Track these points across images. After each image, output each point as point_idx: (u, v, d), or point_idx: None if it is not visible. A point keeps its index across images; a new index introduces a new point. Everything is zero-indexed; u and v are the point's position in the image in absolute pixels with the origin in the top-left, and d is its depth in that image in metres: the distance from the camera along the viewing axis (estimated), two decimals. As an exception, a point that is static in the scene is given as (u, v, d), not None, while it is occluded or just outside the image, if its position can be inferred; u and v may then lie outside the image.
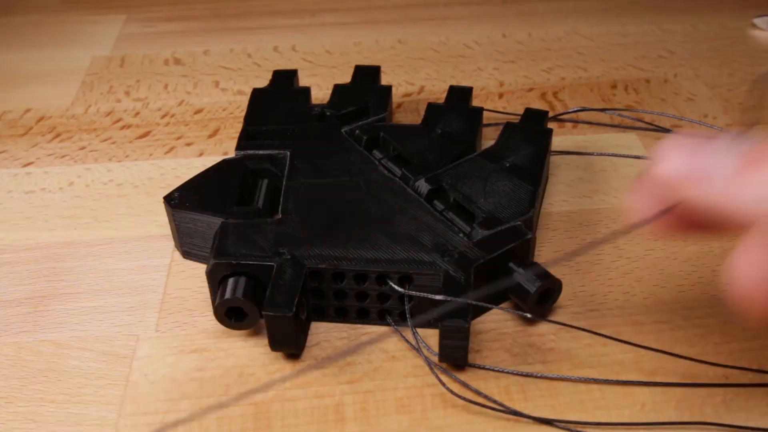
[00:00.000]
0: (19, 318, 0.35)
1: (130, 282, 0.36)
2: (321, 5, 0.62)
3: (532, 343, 0.32)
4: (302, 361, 0.32)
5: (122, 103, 0.50)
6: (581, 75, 0.52)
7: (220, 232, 0.34)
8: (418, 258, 0.32)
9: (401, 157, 0.38)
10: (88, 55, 0.55)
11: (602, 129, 0.46)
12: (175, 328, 0.34)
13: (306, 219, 0.35)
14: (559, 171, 0.42)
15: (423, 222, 0.34)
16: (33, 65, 0.55)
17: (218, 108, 0.49)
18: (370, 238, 0.33)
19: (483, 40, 0.56)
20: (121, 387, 0.31)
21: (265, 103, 0.43)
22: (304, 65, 0.54)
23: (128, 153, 0.45)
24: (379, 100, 0.42)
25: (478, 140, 0.41)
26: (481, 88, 0.50)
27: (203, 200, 0.36)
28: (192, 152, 0.45)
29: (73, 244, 0.38)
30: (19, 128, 0.48)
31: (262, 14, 0.61)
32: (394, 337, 0.33)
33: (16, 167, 0.44)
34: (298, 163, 0.38)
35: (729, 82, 0.51)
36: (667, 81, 0.51)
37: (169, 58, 0.55)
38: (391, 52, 0.55)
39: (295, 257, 0.32)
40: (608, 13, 0.60)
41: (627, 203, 0.23)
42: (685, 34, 0.56)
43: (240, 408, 0.30)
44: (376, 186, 0.37)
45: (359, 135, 0.39)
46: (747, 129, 0.22)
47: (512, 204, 0.35)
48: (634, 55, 0.54)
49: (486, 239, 0.33)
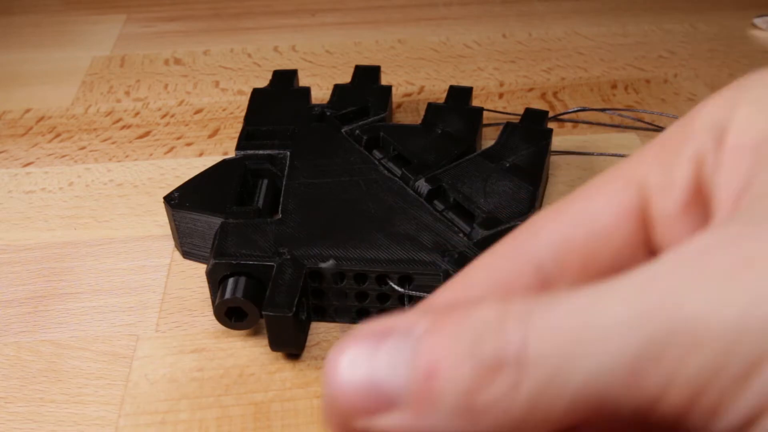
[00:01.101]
0: (19, 318, 0.35)
1: (129, 282, 0.36)
2: (321, 5, 0.62)
3: (532, 343, 0.32)
4: (302, 361, 0.32)
5: (122, 103, 0.50)
6: (581, 75, 0.52)
7: (220, 232, 0.34)
8: (418, 258, 0.32)
9: (401, 157, 0.38)
10: (88, 55, 0.55)
11: (602, 129, 0.46)
12: (175, 328, 0.34)
13: (306, 219, 0.35)
14: (559, 171, 0.42)
15: (423, 222, 0.34)
16: (33, 65, 0.55)
17: (218, 108, 0.49)
18: (370, 238, 0.33)
19: (483, 40, 0.56)
20: (121, 387, 0.31)
21: (265, 103, 0.43)
22: (304, 65, 0.54)
23: (128, 153, 0.45)
24: (379, 100, 0.42)
25: (478, 140, 0.41)
26: (481, 88, 0.50)
27: (203, 200, 0.36)
28: (192, 152, 0.45)
29: (73, 244, 0.38)
30: (19, 128, 0.48)
31: (262, 14, 0.61)
32: (394, 337, 0.33)
33: (16, 167, 0.44)
34: (298, 163, 0.38)
35: (729, 82, 0.50)
36: (667, 81, 0.51)
37: (169, 58, 0.55)
38: (391, 52, 0.55)
39: (295, 257, 0.32)
40: (608, 13, 0.60)
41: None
42: (685, 34, 0.56)
43: (240, 408, 0.30)
44: (376, 186, 0.37)
45: (359, 135, 0.39)
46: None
47: (512, 204, 0.35)
48: (634, 55, 0.54)
49: (486, 239, 0.33)
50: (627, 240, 0.16)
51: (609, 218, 0.16)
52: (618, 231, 0.16)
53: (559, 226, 0.16)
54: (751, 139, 0.14)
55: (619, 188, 0.16)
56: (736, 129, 0.15)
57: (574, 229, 0.16)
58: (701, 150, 0.15)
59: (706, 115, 0.15)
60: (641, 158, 0.16)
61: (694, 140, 0.15)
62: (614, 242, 0.16)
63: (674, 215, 0.15)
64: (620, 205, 0.16)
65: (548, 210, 0.17)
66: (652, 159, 0.16)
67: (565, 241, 0.16)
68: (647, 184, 0.16)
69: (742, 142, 0.14)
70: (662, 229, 0.15)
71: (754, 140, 0.14)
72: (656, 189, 0.15)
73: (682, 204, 0.15)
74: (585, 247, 0.16)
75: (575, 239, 0.16)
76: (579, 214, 0.16)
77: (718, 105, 0.15)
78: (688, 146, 0.15)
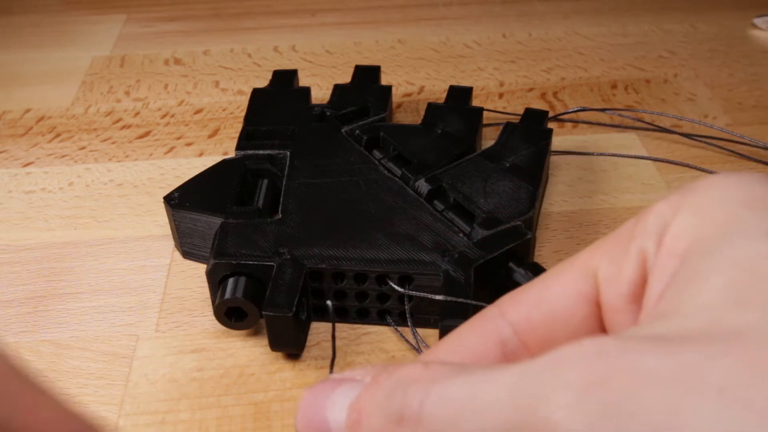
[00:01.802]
0: (19, 318, 0.35)
1: (129, 282, 0.36)
2: (321, 5, 0.62)
3: (532, 343, 0.32)
4: (302, 361, 0.32)
5: (122, 103, 0.50)
6: (581, 75, 0.52)
7: (220, 232, 0.34)
8: (418, 258, 0.32)
9: (401, 157, 0.38)
10: (88, 55, 0.55)
11: (602, 129, 0.46)
12: (175, 328, 0.34)
13: (306, 219, 0.35)
14: (559, 171, 0.42)
15: (423, 222, 0.34)
16: (33, 65, 0.55)
17: (218, 108, 0.49)
18: (370, 238, 0.33)
19: (483, 40, 0.56)
20: (121, 387, 0.31)
21: (265, 103, 0.43)
22: (304, 65, 0.54)
23: (128, 153, 0.45)
24: (379, 100, 0.42)
25: (478, 140, 0.41)
26: (481, 88, 0.50)
27: (203, 200, 0.36)
28: (192, 152, 0.45)
29: (73, 244, 0.38)
30: (19, 128, 0.48)
31: (262, 14, 0.61)
32: (394, 337, 0.33)
33: (16, 167, 0.44)
34: (298, 163, 0.38)
35: (729, 82, 0.51)
36: (667, 81, 0.51)
37: (169, 58, 0.55)
38: (391, 52, 0.55)
39: (295, 257, 0.32)
40: (608, 13, 0.60)
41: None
42: (685, 34, 0.56)
43: (240, 408, 0.30)
44: (376, 186, 0.37)
45: (359, 135, 0.39)
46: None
47: (512, 204, 0.35)
48: (634, 55, 0.54)
49: (486, 239, 0.33)
50: (582, 323, 0.18)
51: (565, 302, 0.18)
52: (574, 315, 0.18)
53: (522, 308, 0.18)
54: (679, 246, 0.16)
55: (576, 276, 0.18)
56: (672, 233, 0.16)
57: (534, 311, 0.18)
58: (645, 249, 0.16)
59: (654, 217, 0.17)
60: (597, 249, 0.18)
61: (641, 239, 0.17)
62: (570, 325, 0.18)
63: (620, 305, 0.17)
64: (576, 292, 0.18)
65: (514, 292, 0.19)
66: (605, 251, 0.18)
67: (527, 322, 0.18)
68: (599, 274, 0.17)
69: (673, 247, 0.16)
70: (610, 316, 0.17)
71: (682, 248, 0.15)
72: (606, 280, 0.17)
73: (627, 296, 0.17)
74: (544, 327, 0.18)
75: (535, 320, 0.18)
76: (539, 298, 0.18)
77: (666, 207, 0.17)
78: (635, 244, 0.17)
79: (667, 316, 0.14)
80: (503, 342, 0.18)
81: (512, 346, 0.18)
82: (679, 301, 0.14)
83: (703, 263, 0.15)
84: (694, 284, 0.14)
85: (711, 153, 0.44)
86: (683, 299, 0.14)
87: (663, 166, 0.43)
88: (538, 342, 0.18)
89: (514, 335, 0.18)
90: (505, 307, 0.19)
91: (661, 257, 0.16)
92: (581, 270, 0.18)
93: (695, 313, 0.14)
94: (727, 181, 0.16)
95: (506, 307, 0.19)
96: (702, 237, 0.15)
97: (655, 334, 0.13)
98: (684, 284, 0.15)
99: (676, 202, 0.16)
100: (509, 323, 0.18)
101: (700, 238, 0.15)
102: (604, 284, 0.17)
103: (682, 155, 0.44)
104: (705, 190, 0.16)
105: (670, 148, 0.44)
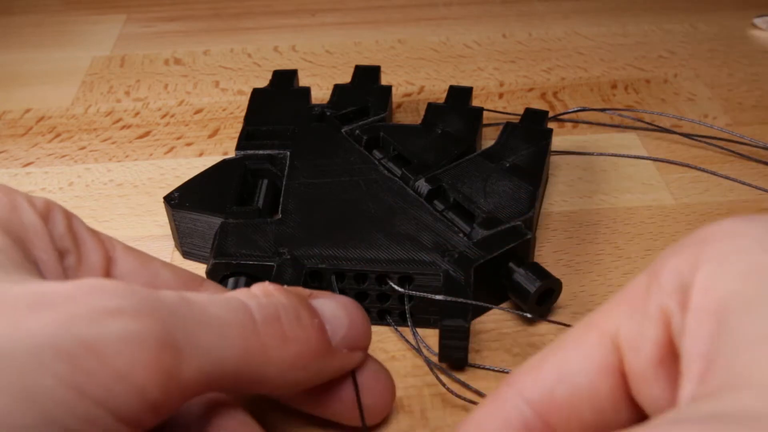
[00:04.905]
0: (19, 318, 0.34)
1: (130, 282, 0.36)
2: (321, 5, 0.62)
3: (532, 343, 0.32)
4: (302, 361, 0.32)
5: (122, 103, 0.50)
6: (581, 75, 0.52)
7: (220, 232, 0.34)
8: (418, 258, 0.32)
9: (401, 157, 0.38)
10: (88, 55, 0.55)
11: (602, 129, 0.46)
12: (175, 328, 0.34)
13: (306, 219, 0.35)
14: (559, 171, 0.42)
15: (423, 222, 0.34)
16: (33, 65, 0.55)
17: (218, 108, 0.49)
18: (369, 238, 0.33)
19: (483, 40, 0.56)
20: (121, 387, 0.31)
21: (265, 103, 0.43)
22: (304, 65, 0.54)
23: (128, 153, 0.45)
24: (379, 100, 0.42)
25: (478, 140, 0.41)
26: (481, 88, 0.50)
27: (203, 200, 0.36)
28: (192, 152, 0.45)
29: (73, 244, 0.38)
30: (19, 128, 0.48)
31: (262, 14, 0.61)
32: (394, 337, 0.33)
33: (16, 167, 0.44)
34: (298, 163, 0.38)
35: (729, 82, 0.51)
36: (667, 81, 0.51)
37: (169, 58, 0.55)
38: (391, 52, 0.55)
39: (295, 257, 0.32)
40: (608, 13, 0.60)
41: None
42: (685, 34, 0.56)
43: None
44: (376, 186, 0.37)
45: (359, 135, 0.39)
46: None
47: (512, 204, 0.35)
48: (634, 55, 0.54)
49: (486, 239, 0.33)
50: (608, 396, 0.16)
51: (589, 377, 0.16)
52: (599, 389, 0.16)
53: (542, 385, 0.17)
54: (711, 302, 0.14)
55: (595, 344, 0.17)
56: (698, 290, 0.15)
57: (557, 388, 0.17)
58: (667, 308, 0.15)
59: (670, 271, 0.15)
60: (610, 311, 0.17)
61: (658, 297, 0.15)
62: (597, 399, 0.16)
63: (648, 372, 0.16)
64: (599, 364, 0.16)
65: (528, 367, 0.17)
66: (621, 313, 0.16)
67: (549, 401, 0.17)
68: (619, 338, 0.16)
69: (703, 306, 0.14)
70: (638, 384, 0.16)
71: (715, 304, 0.14)
72: (629, 345, 0.16)
73: (653, 361, 0.16)
74: (569, 405, 0.17)
75: (558, 398, 0.17)
76: (560, 374, 0.17)
77: (680, 262, 0.15)
78: (653, 304, 0.16)
79: (728, 391, 0.13)
80: (527, 425, 0.17)
81: (535, 428, 0.17)
82: (735, 373, 0.13)
83: (752, 325, 0.13)
84: (747, 351, 0.13)
85: (711, 153, 0.44)
86: (739, 371, 0.13)
87: (663, 166, 0.43)
88: (563, 421, 0.17)
89: (535, 416, 0.17)
90: (522, 385, 0.17)
91: (690, 317, 0.15)
92: (599, 337, 0.17)
93: (761, 387, 0.12)
94: (745, 226, 0.15)
95: (523, 386, 0.17)
96: (737, 292, 0.14)
97: (723, 413, 0.12)
98: (733, 350, 0.13)
99: (692, 255, 0.15)
100: (528, 403, 0.17)
101: (735, 293, 0.14)
102: (628, 351, 0.16)
103: (682, 155, 0.44)
104: (724, 238, 0.15)
105: (670, 148, 0.44)
